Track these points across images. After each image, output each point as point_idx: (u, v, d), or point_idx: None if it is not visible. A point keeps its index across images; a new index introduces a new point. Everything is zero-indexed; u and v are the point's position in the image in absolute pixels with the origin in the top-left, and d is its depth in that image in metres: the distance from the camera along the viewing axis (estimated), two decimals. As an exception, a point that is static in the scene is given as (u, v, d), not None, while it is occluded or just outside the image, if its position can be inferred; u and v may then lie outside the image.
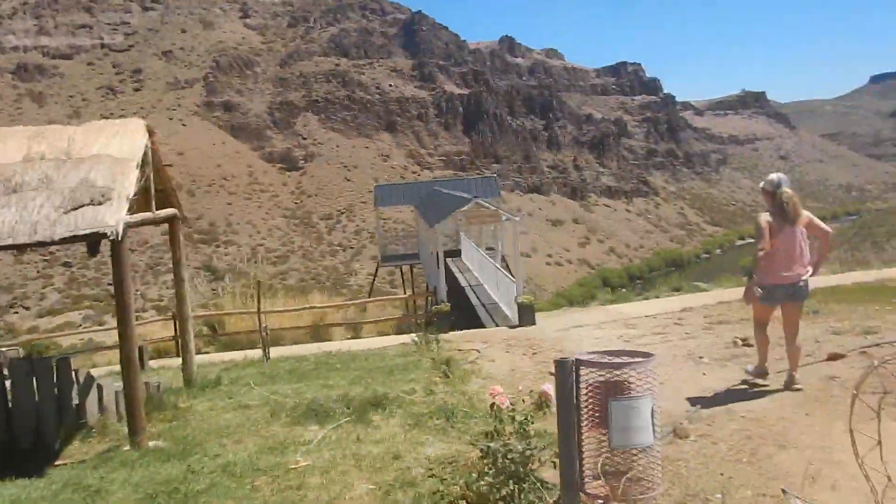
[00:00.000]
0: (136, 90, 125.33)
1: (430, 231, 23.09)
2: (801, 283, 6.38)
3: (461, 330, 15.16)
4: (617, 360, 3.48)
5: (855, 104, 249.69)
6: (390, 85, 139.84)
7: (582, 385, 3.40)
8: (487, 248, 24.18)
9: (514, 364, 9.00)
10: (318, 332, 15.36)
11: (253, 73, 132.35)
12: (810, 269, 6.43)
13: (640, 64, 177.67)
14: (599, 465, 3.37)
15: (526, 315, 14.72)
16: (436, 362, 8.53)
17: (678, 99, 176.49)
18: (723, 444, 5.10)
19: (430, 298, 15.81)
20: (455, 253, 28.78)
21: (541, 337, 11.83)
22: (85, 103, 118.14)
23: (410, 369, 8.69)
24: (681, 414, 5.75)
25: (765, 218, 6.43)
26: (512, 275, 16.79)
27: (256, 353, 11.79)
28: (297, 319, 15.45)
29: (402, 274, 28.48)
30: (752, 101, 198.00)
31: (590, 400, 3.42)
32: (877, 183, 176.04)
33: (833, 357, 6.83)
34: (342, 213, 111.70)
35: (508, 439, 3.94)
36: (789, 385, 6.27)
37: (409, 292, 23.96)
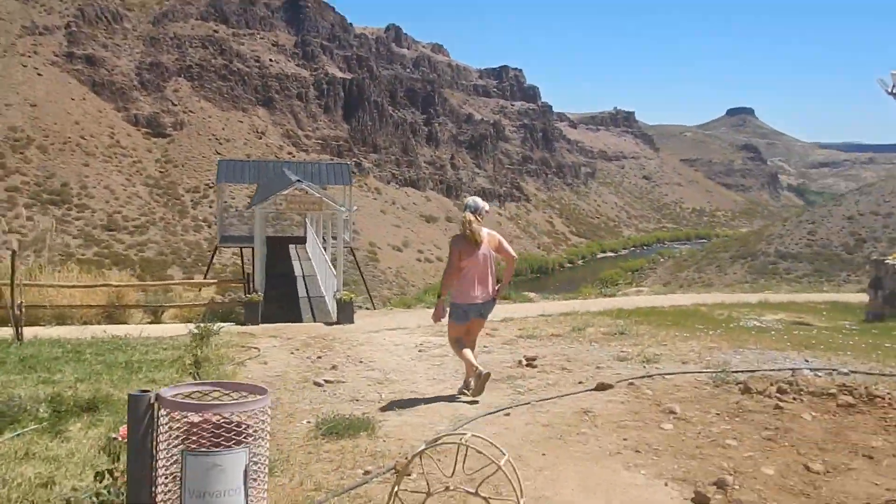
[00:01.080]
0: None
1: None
2: (490, 303, 6.69)
3: (277, 323, 14.23)
4: (217, 399, 2.70)
5: (712, 133, 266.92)
6: (270, 59, 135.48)
7: (170, 426, 2.56)
8: (334, 238, 23.23)
9: (287, 367, 8.14)
10: (113, 314, 13.88)
11: (122, 28, 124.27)
12: (495, 291, 6.68)
13: (521, 70, 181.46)
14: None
15: (344, 312, 14.07)
16: (196, 361, 7.52)
17: (555, 109, 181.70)
18: (440, 485, 4.46)
19: (247, 286, 14.66)
20: (301, 240, 27.60)
21: (345, 338, 11.10)
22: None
23: (165, 367, 7.66)
24: (415, 446, 5.10)
25: (454, 241, 6.64)
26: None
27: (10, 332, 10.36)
28: (92, 297, 13.90)
29: (242, 257, 27.00)
30: (622, 120, 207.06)
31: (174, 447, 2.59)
32: (725, 210, 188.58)
33: (601, 387, 6.43)
34: (210, 188, 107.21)
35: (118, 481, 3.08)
36: (477, 386, 6.38)
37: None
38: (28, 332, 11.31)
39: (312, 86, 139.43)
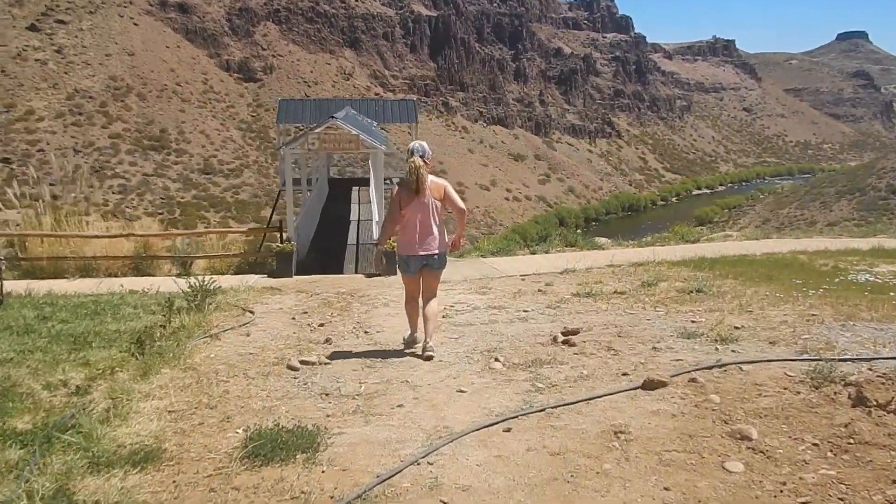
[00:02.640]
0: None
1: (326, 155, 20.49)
2: (435, 256, 6.19)
3: (315, 274, 12.98)
4: None
5: (820, 60, 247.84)
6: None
7: None
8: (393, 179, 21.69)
9: (272, 340, 6.70)
10: (139, 265, 12.94)
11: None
12: (444, 243, 6.24)
13: (612, 0, 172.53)
14: None
15: (390, 264, 12.55)
16: (139, 338, 6.13)
17: (648, 40, 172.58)
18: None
19: (281, 234, 13.41)
20: (365, 182, 26.28)
21: (374, 294, 9.66)
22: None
23: (121, 340, 6.37)
24: (359, 484, 3.55)
25: (396, 188, 6.26)
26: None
27: (34, 285, 9.99)
28: (118, 248, 13.02)
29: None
30: (721, 49, 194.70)
31: None
32: (832, 142, 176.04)
33: (650, 385, 4.66)
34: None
35: None
36: (424, 352, 5.95)
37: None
38: (44, 285, 10.69)
39: (399, 25, 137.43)
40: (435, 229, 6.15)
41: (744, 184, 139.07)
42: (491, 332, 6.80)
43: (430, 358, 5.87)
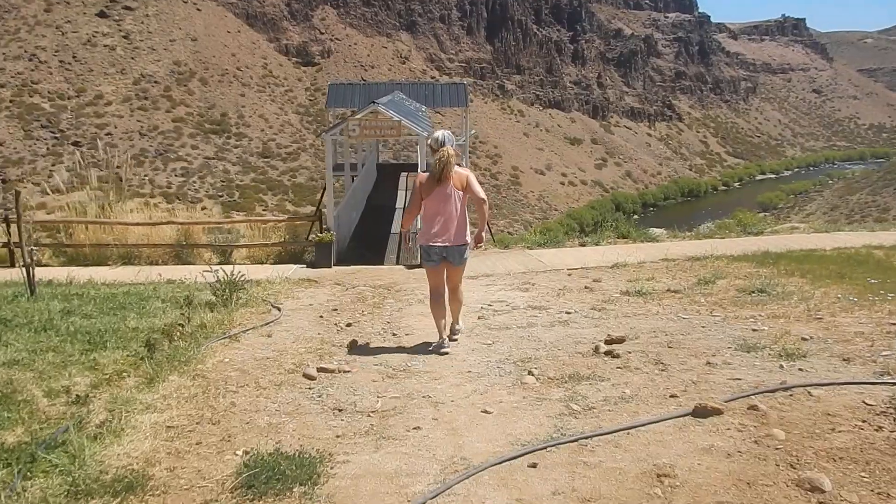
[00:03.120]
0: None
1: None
2: (455, 249, 6.06)
3: (355, 265, 12.61)
4: None
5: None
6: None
7: None
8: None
9: (294, 343, 6.29)
10: (180, 254, 12.77)
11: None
12: (464, 237, 6.08)
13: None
14: None
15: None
16: (148, 342, 5.78)
17: (713, 20, 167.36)
18: None
19: (317, 224, 13.04)
20: (415, 167, 25.84)
21: (411, 289, 9.22)
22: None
23: (136, 339, 6.04)
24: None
25: (421, 177, 6.22)
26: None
27: (76, 273, 9.88)
28: (160, 235, 12.89)
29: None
30: (790, 28, 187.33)
31: None
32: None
33: (701, 412, 4.06)
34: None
35: None
36: (439, 347, 5.91)
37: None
38: (86, 273, 10.61)
39: (455, 7, 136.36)
40: (455, 220, 6.02)
41: (811, 168, 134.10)
42: (528, 338, 6.26)
43: (445, 353, 5.84)
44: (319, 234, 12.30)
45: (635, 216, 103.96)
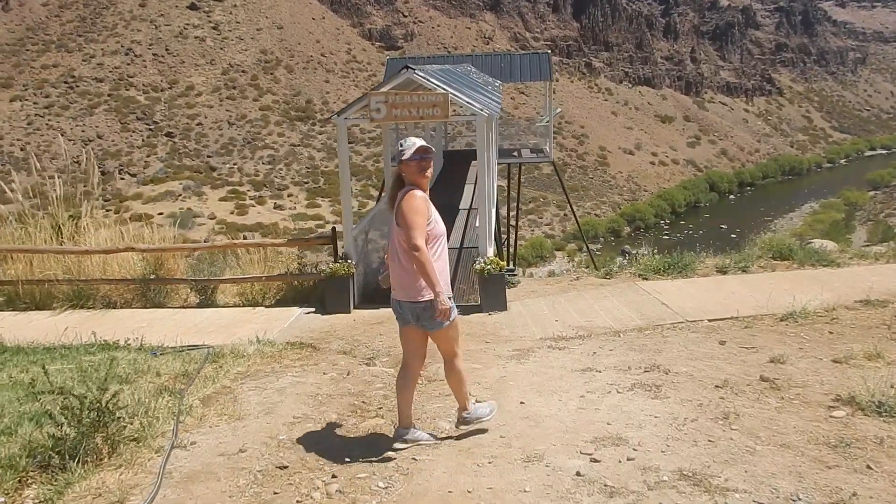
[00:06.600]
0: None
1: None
2: (408, 308, 4.32)
3: (385, 307, 6.76)
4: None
5: None
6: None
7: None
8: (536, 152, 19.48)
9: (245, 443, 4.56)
10: (147, 293, 9.74)
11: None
12: (416, 289, 4.23)
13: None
14: None
15: (491, 293, 8.78)
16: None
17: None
18: None
19: (335, 247, 9.65)
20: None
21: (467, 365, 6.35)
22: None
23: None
24: None
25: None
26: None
27: None
28: (124, 266, 9.88)
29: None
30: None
31: None
32: None
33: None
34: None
35: None
36: (399, 436, 4.52)
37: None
38: (12, 321, 8.66)
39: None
40: (399, 265, 4.35)
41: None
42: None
43: (408, 437, 4.57)
44: (331, 266, 9.09)
45: (731, 196, 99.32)
